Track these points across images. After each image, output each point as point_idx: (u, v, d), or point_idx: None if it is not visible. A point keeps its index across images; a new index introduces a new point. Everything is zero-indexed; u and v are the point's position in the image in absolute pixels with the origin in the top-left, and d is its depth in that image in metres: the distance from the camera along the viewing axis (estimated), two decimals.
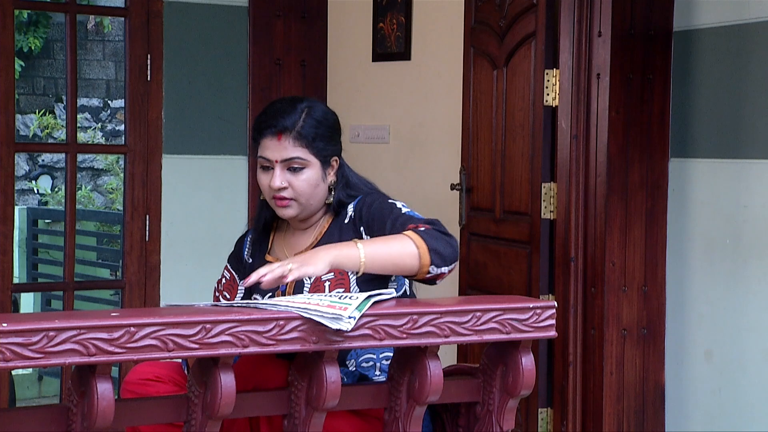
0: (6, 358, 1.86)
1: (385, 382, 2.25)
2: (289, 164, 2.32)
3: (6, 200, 3.66)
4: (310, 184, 2.34)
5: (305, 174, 2.33)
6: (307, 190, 2.34)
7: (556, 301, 3.56)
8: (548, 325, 2.21)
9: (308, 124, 2.33)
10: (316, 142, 2.32)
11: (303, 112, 2.34)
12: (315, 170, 2.34)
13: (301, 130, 2.32)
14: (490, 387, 2.28)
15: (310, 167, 2.33)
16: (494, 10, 3.78)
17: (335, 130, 2.40)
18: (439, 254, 2.21)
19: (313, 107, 2.36)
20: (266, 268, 2.11)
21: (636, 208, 3.58)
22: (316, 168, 2.34)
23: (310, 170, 2.33)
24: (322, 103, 2.44)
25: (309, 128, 2.32)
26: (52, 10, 10.82)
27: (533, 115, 3.61)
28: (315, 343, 2.04)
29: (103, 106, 11.80)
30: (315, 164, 2.34)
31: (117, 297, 6.95)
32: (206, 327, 1.98)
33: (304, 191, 2.34)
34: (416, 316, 2.11)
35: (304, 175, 2.33)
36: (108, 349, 1.92)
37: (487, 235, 3.85)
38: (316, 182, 2.35)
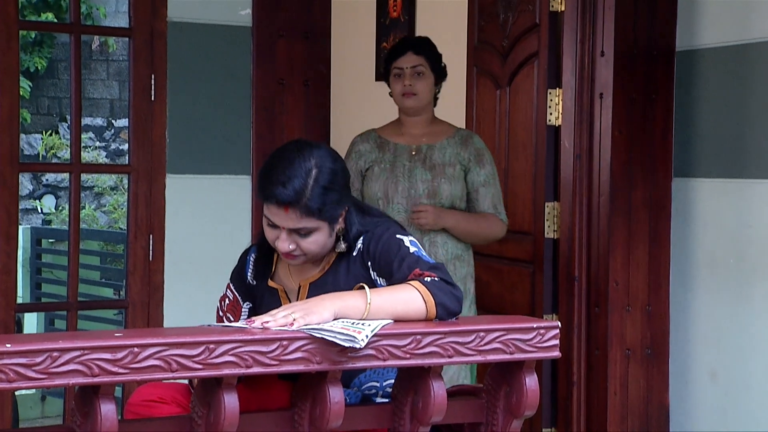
0: (10, 378, 1.85)
1: (389, 403, 2.25)
2: (298, 231, 2.27)
3: (10, 220, 3.66)
4: (318, 244, 2.29)
5: (313, 237, 2.28)
6: (315, 249, 2.30)
7: (560, 320, 3.55)
8: (552, 345, 2.21)
9: (316, 193, 2.23)
10: (324, 211, 2.25)
11: (310, 177, 2.24)
12: (323, 232, 2.28)
13: (309, 203, 2.23)
14: (494, 407, 2.27)
15: (319, 231, 2.28)
16: (497, 31, 3.80)
17: (344, 186, 2.32)
18: (446, 308, 2.19)
19: (321, 169, 2.25)
20: (269, 315, 2.09)
21: (639, 227, 3.58)
22: (324, 230, 2.28)
23: (318, 233, 2.28)
24: (329, 154, 2.31)
25: (317, 198, 2.24)
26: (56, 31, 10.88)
27: (536, 134, 3.62)
28: (318, 364, 2.04)
29: (107, 126, 11.83)
30: (323, 227, 2.28)
31: (120, 317, 6.94)
32: (210, 347, 1.97)
33: (312, 250, 2.30)
34: (420, 336, 2.11)
35: (312, 238, 2.28)
36: (111, 369, 1.92)
37: (491, 254, 3.85)
38: (324, 242, 2.30)
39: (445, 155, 3.45)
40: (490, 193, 3.42)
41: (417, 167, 3.46)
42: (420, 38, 3.63)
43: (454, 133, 3.50)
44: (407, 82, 3.47)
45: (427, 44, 3.55)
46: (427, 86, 3.48)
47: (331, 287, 2.28)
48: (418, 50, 3.49)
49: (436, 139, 3.49)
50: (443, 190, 3.41)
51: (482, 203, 3.41)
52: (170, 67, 3.92)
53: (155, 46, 3.87)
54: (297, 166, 2.25)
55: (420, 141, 3.50)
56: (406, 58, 3.50)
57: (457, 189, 3.41)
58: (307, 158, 2.27)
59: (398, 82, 3.50)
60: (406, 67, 3.48)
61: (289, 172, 2.24)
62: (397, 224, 2.38)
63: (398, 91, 3.50)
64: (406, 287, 2.19)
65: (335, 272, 2.34)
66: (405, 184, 3.45)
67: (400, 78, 3.49)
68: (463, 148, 3.45)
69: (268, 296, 2.40)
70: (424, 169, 3.45)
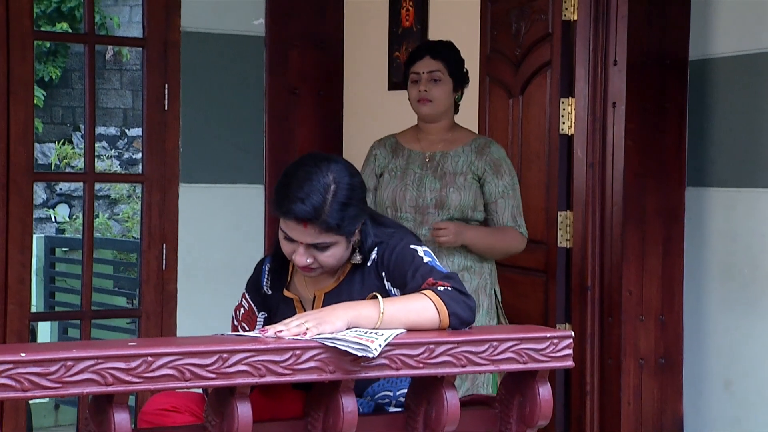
0: (24, 387, 1.86)
1: (402, 412, 2.25)
2: (316, 246, 2.27)
3: (24, 230, 3.67)
4: (335, 257, 2.29)
5: (331, 251, 2.28)
6: (332, 263, 2.30)
7: (573, 330, 3.54)
8: (565, 355, 2.20)
9: (334, 209, 2.23)
10: (343, 226, 2.25)
11: (329, 193, 2.23)
12: (341, 246, 2.29)
13: (328, 219, 2.22)
14: (507, 417, 2.27)
15: (337, 245, 2.28)
16: (510, 40, 3.80)
17: (361, 200, 2.31)
18: (459, 317, 2.19)
19: (339, 185, 2.25)
20: (282, 324, 2.10)
21: (652, 236, 3.57)
22: (342, 244, 2.28)
23: (336, 247, 2.28)
24: (346, 169, 2.31)
25: (336, 214, 2.23)
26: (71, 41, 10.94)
27: (549, 143, 3.62)
28: (332, 373, 2.04)
29: (120, 135, 11.87)
30: (341, 241, 2.28)
31: (133, 326, 6.96)
32: (223, 356, 1.98)
33: (330, 263, 2.30)
34: (433, 346, 2.11)
35: (329, 252, 2.28)
36: (125, 378, 1.93)
37: (503, 263, 3.84)
38: (342, 255, 2.30)
39: (458, 164, 3.35)
40: (510, 204, 3.32)
41: (427, 175, 3.37)
42: (440, 42, 3.51)
43: (471, 141, 3.38)
44: (423, 87, 3.37)
45: (447, 48, 3.43)
46: (444, 93, 3.38)
47: (345, 297, 2.29)
48: (436, 55, 3.39)
49: (452, 146, 3.39)
50: (452, 199, 3.30)
51: (501, 215, 3.30)
52: (183, 77, 3.93)
53: (169, 55, 3.89)
54: (315, 182, 2.24)
55: (435, 148, 3.40)
56: (423, 63, 3.40)
57: (467, 199, 3.30)
58: (324, 173, 2.26)
59: (414, 88, 3.41)
60: (423, 72, 3.38)
61: (308, 188, 2.23)
62: (411, 234, 2.39)
63: (414, 96, 3.41)
64: (419, 296, 2.19)
65: (350, 282, 2.35)
66: (413, 193, 3.35)
67: (416, 84, 3.40)
68: (478, 157, 3.33)
69: (284, 306, 2.40)
70: (434, 177, 3.35)
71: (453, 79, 3.38)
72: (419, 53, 3.42)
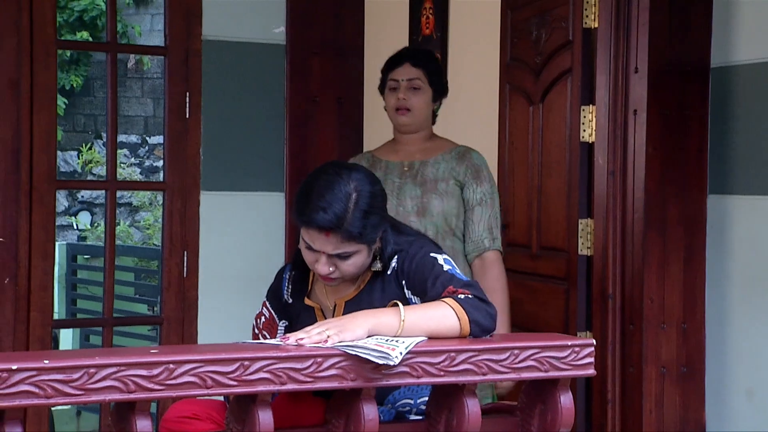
0: (47, 394, 1.87)
1: (423, 420, 2.25)
2: (338, 255, 2.27)
3: (47, 237, 3.70)
4: (357, 266, 2.30)
5: (353, 259, 2.28)
6: (353, 271, 2.31)
7: (594, 338, 3.53)
8: (587, 363, 2.20)
9: (356, 218, 2.23)
10: (365, 235, 2.25)
11: (350, 202, 2.23)
12: (362, 254, 2.29)
13: (350, 228, 2.23)
14: (529, 425, 2.26)
15: (358, 253, 2.28)
16: (530, 47, 3.79)
17: (382, 208, 2.32)
18: (479, 325, 2.19)
19: (360, 193, 2.25)
20: (303, 332, 2.10)
21: (674, 244, 3.56)
22: (363, 252, 2.29)
23: (357, 256, 2.28)
24: (367, 177, 2.31)
25: (358, 222, 2.23)
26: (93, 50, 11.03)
27: (569, 151, 3.61)
28: (353, 381, 2.04)
29: (142, 143, 11.94)
30: (363, 249, 2.29)
31: (154, 332, 6.98)
32: (244, 364, 1.98)
33: (351, 272, 2.31)
34: (454, 354, 2.11)
35: (351, 260, 2.28)
36: (147, 386, 1.93)
37: (524, 271, 3.84)
38: (363, 263, 2.31)
39: (439, 170, 3.22)
40: (487, 214, 3.17)
41: (407, 183, 3.24)
42: (421, 50, 3.42)
43: (451, 149, 3.27)
44: (401, 95, 3.24)
45: (428, 57, 3.32)
46: (423, 102, 3.25)
47: (366, 305, 2.29)
48: (416, 62, 3.26)
49: (431, 155, 3.26)
50: (434, 206, 3.18)
51: (477, 224, 3.16)
52: (204, 85, 3.95)
53: (190, 64, 3.91)
54: (337, 191, 2.24)
55: (414, 157, 3.27)
56: (402, 70, 3.27)
57: (450, 206, 3.17)
58: (346, 182, 2.26)
59: (393, 96, 3.28)
60: (402, 80, 3.26)
61: (329, 197, 2.23)
62: (431, 242, 2.39)
63: (392, 105, 3.28)
64: (440, 304, 2.19)
65: (370, 291, 2.35)
66: (393, 202, 3.19)
67: (395, 91, 3.27)
68: (459, 163, 3.21)
69: (305, 314, 2.40)
70: (414, 184, 3.22)
71: (433, 88, 3.27)
72: (399, 60, 3.30)
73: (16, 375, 1.85)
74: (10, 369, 1.85)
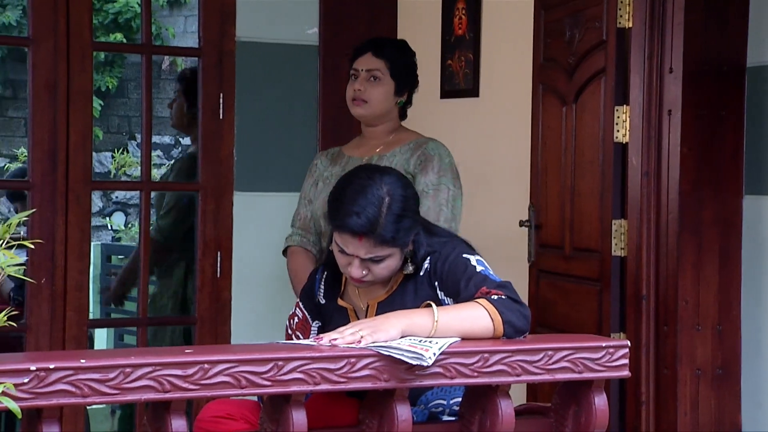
0: (84, 393, 1.89)
1: (456, 421, 2.25)
2: (371, 258, 2.28)
3: (83, 237, 3.73)
4: (389, 269, 2.31)
5: (386, 263, 2.29)
6: (386, 274, 2.33)
7: (628, 339, 3.51)
8: (621, 365, 2.19)
9: (389, 221, 2.24)
10: (398, 239, 2.26)
11: (383, 206, 2.24)
12: (395, 258, 2.30)
13: (383, 232, 2.24)
14: (563, 427, 2.26)
15: (391, 257, 2.29)
16: (563, 48, 3.78)
17: (415, 211, 2.33)
18: (513, 326, 2.18)
19: (393, 197, 2.26)
20: (337, 332, 2.11)
21: (709, 245, 3.53)
22: (396, 255, 2.30)
23: (390, 259, 2.29)
24: (399, 180, 2.32)
25: (390, 226, 2.24)
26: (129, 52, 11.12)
27: (603, 151, 3.59)
28: (386, 381, 2.05)
29: (175, 144, 12.01)
30: (395, 253, 2.30)
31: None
32: (278, 364, 1.99)
33: (384, 275, 2.32)
34: (487, 355, 2.11)
35: (384, 264, 2.29)
36: (182, 385, 1.95)
37: (556, 272, 3.82)
38: (396, 266, 2.32)
39: (392, 164, 3.04)
40: (426, 206, 2.91)
41: None
42: (388, 40, 3.22)
43: (411, 142, 3.12)
44: (358, 86, 3.08)
45: (394, 47, 3.14)
46: (381, 94, 3.08)
47: (398, 307, 2.29)
48: (379, 52, 3.09)
49: (391, 148, 3.12)
50: None
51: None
52: (238, 86, 3.98)
53: (224, 65, 3.93)
54: (369, 195, 2.25)
55: (374, 152, 3.13)
56: (363, 60, 3.11)
57: None
58: (378, 185, 2.27)
59: (351, 85, 3.12)
60: (362, 70, 3.10)
61: (362, 202, 2.24)
62: (464, 243, 2.39)
63: (349, 95, 3.12)
64: (473, 305, 2.19)
65: (403, 292, 2.35)
66: None
67: (354, 81, 3.11)
68: (412, 154, 3.06)
69: (338, 315, 2.41)
70: None
71: (395, 80, 3.10)
72: (362, 49, 3.14)
73: (54, 374, 1.87)
74: (47, 368, 1.87)
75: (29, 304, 3.67)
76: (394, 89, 3.10)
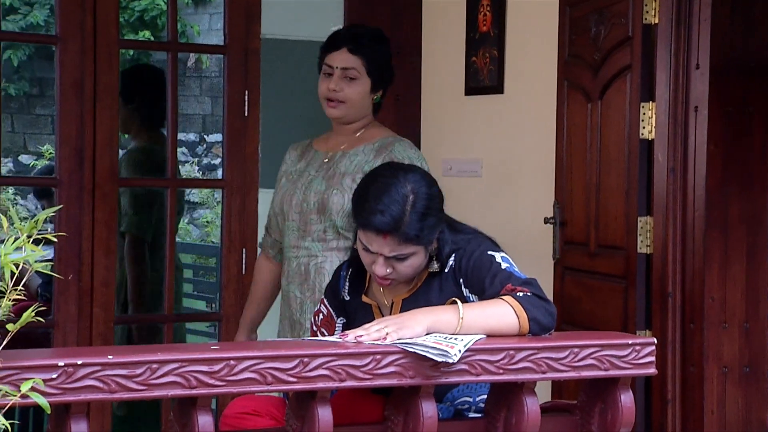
0: (111, 389, 1.91)
1: (482, 418, 2.25)
2: (395, 256, 2.28)
3: (109, 234, 3.76)
4: (414, 267, 2.31)
5: (410, 261, 2.29)
6: (410, 273, 2.33)
7: (653, 336, 3.50)
8: (648, 362, 2.19)
9: (413, 220, 2.24)
10: (422, 237, 2.26)
11: (408, 204, 2.24)
12: (420, 256, 2.30)
13: (407, 230, 2.24)
14: (588, 424, 2.25)
15: (415, 255, 2.29)
16: (588, 44, 3.76)
17: (439, 210, 2.32)
18: (539, 323, 2.18)
19: (417, 195, 2.26)
20: (362, 329, 2.12)
21: (736, 242, 3.51)
22: (420, 254, 2.30)
23: (414, 257, 2.29)
24: (423, 178, 2.31)
25: (415, 224, 2.24)
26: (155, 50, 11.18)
27: (628, 148, 3.58)
28: (411, 378, 2.05)
29: (200, 141, 12.06)
30: (420, 251, 2.30)
31: (213, 329, 7.05)
32: (304, 360, 2.00)
33: (407, 274, 2.33)
34: (513, 352, 2.11)
35: (408, 262, 2.29)
36: (208, 381, 1.96)
37: (581, 269, 3.81)
38: (420, 264, 2.32)
39: (352, 163, 2.90)
40: None
41: (318, 178, 2.92)
42: (364, 33, 2.96)
43: (376, 141, 2.92)
44: (333, 86, 2.88)
45: (371, 42, 2.92)
46: (358, 94, 2.89)
47: (423, 303, 2.30)
48: (356, 49, 2.87)
49: (354, 146, 2.94)
50: (333, 203, 2.84)
51: None
52: (263, 83, 3.99)
53: (249, 62, 3.94)
54: (394, 193, 2.25)
55: (339, 148, 2.96)
56: (338, 56, 2.89)
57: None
58: (403, 184, 2.27)
59: (325, 83, 2.91)
60: (337, 68, 2.89)
61: (386, 200, 2.24)
62: (489, 240, 2.39)
63: (323, 93, 2.92)
64: (499, 302, 2.19)
65: (428, 289, 2.35)
66: (299, 197, 2.92)
67: (328, 78, 2.90)
68: (377, 155, 2.86)
69: (362, 312, 2.42)
70: (323, 179, 2.91)
71: (372, 78, 2.90)
72: (336, 43, 2.91)
73: (82, 370, 1.88)
74: (75, 364, 1.88)
75: (56, 300, 3.70)
76: (370, 87, 2.91)
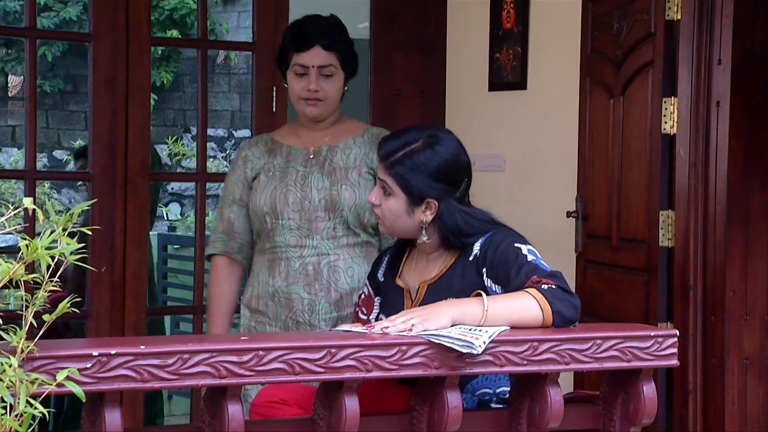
0: (144, 379, 1.94)
1: (505, 408, 2.28)
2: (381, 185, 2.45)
3: (141, 227, 3.83)
4: (392, 212, 2.42)
5: (390, 201, 2.41)
6: (389, 217, 2.43)
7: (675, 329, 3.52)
8: (670, 354, 2.21)
9: (408, 160, 2.40)
10: (409, 180, 2.38)
11: (416, 143, 2.40)
12: (399, 202, 2.40)
13: (394, 161, 2.41)
14: (611, 415, 2.28)
15: (395, 197, 2.41)
16: (611, 40, 3.79)
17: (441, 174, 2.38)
18: (562, 316, 2.20)
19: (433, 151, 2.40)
20: (389, 321, 2.16)
21: (757, 236, 3.53)
22: (400, 200, 2.40)
23: (394, 199, 2.41)
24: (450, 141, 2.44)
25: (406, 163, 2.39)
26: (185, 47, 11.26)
27: (650, 143, 3.61)
28: (437, 369, 2.08)
29: (228, 136, 12.13)
30: (400, 196, 2.40)
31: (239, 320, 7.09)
32: (331, 351, 2.04)
33: (387, 217, 2.44)
34: (537, 343, 2.14)
35: (389, 201, 2.42)
36: (238, 371, 1.99)
37: (603, 262, 3.84)
38: (398, 213, 2.41)
39: (350, 157, 2.83)
40: None
41: (313, 173, 2.82)
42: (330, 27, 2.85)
43: (362, 132, 2.88)
44: (312, 86, 2.79)
45: (339, 33, 2.84)
46: (336, 89, 2.83)
47: (445, 289, 2.35)
48: (330, 46, 2.79)
49: (340, 138, 2.85)
50: (345, 198, 2.78)
51: None
52: None
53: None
54: (417, 128, 2.46)
55: (321, 142, 2.85)
56: (312, 55, 2.79)
57: (363, 197, 2.76)
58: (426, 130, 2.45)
59: (300, 83, 2.80)
60: (313, 67, 2.79)
61: (406, 130, 2.45)
62: (515, 233, 2.42)
63: (299, 93, 2.81)
64: (523, 295, 2.22)
65: (451, 276, 2.40)
66: (297, 195, 2.80)
67: (302, 78, 2.80)
68: (373, 148, 2.76)
69: (394, 293, 2.50)
70: (321, 174, 2.81)
71: (345, 71, 2.85)
72: (308, 42, 2.79)
73: (115, 359, 1.92)
74: (109, 354, 1.92)
75: (90, 291, 3.77)
76: (344, 79, 2.86)
